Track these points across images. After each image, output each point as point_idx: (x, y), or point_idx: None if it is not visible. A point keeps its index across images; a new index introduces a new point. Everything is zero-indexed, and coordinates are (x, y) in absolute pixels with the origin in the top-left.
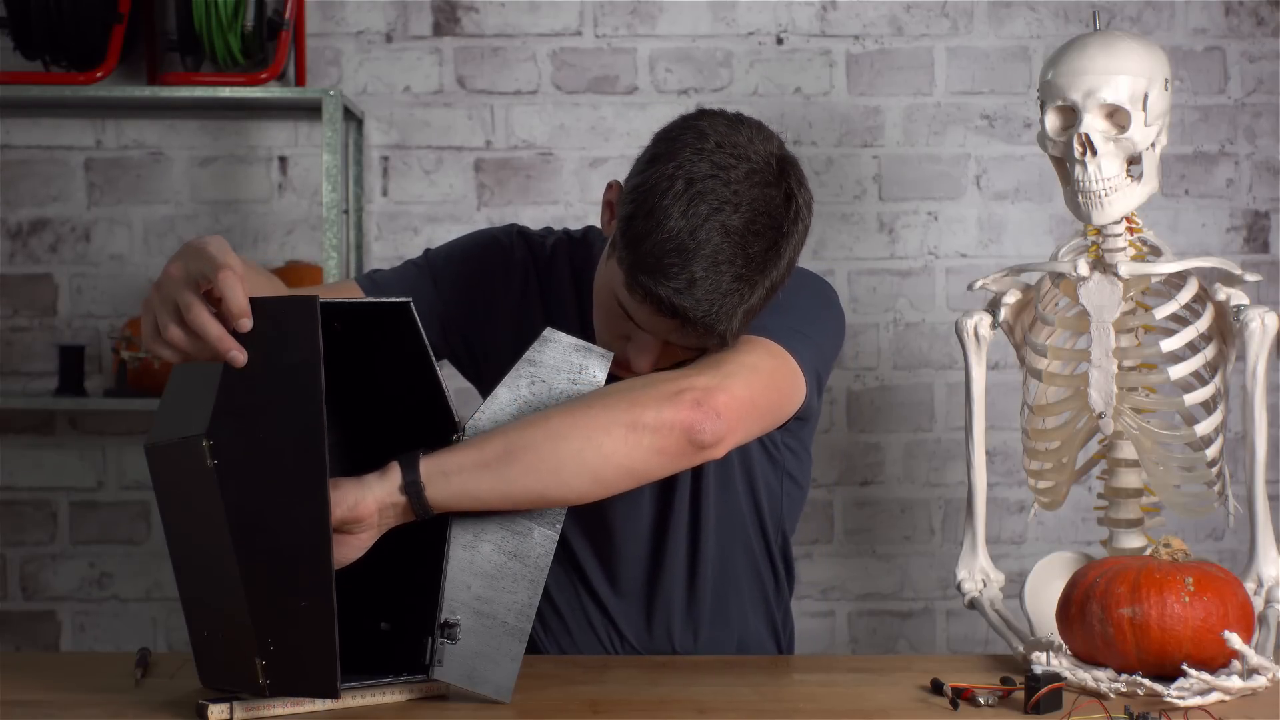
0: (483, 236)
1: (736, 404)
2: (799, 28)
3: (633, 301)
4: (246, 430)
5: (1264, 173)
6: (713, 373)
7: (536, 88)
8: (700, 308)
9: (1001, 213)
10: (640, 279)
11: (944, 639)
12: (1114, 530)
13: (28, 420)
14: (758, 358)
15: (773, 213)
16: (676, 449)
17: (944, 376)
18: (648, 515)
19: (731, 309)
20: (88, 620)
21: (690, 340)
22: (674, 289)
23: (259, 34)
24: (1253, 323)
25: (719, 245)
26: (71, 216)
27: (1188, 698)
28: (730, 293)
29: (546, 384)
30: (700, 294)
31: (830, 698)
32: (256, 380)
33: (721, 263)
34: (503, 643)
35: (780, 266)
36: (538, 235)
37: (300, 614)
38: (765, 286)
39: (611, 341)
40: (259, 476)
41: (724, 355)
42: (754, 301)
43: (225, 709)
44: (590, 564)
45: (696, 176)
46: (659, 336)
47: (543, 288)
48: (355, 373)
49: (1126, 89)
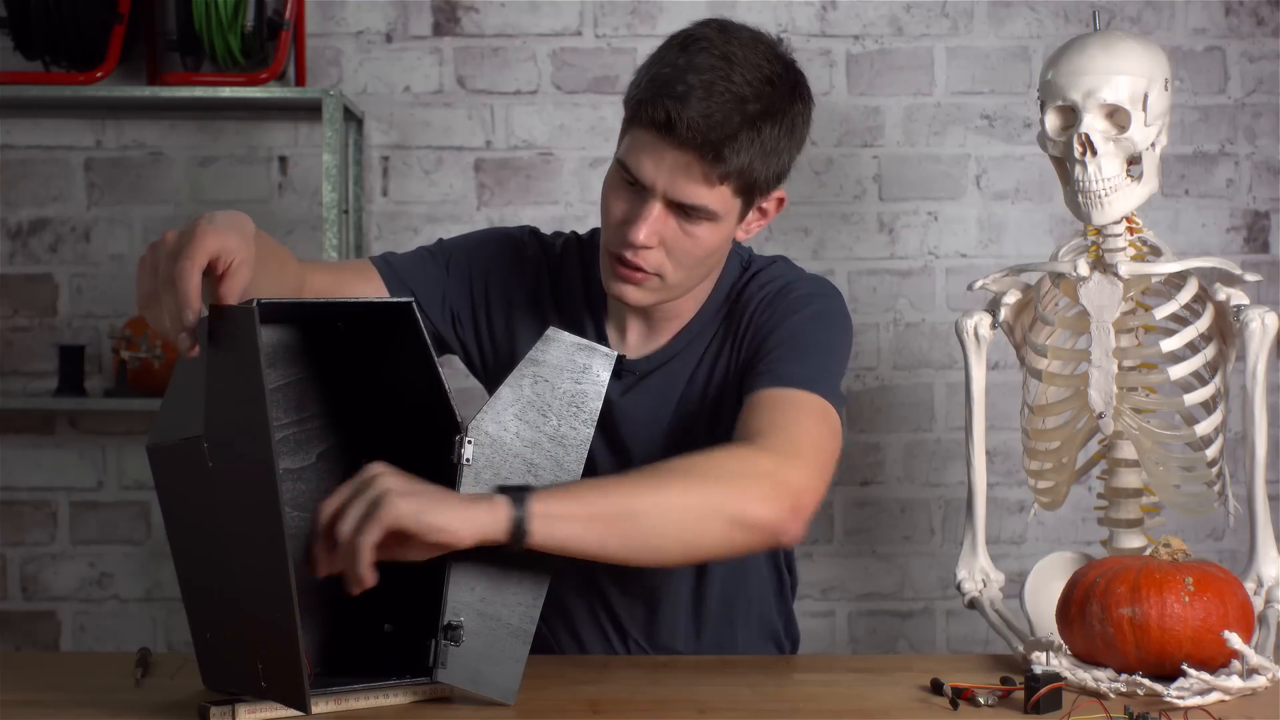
0: (497, 232)
1: (816, 503)
2: (799, 28)
3: (634, 145)
4: (216, 436)
5: (1264, 173)
6: (797, 461)
7: (536, 88)
8: (699, 121)
9: (1001, 213)
10: (641, 106)
11: (944, 639)
12: (1114, 530)
13: (28, 420)
14: (818, 431)
15: (773, 76)
16: (759, 543)
17: (944, 376)
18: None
19: (734, 130)
20: (88, 620)
21: (695, 182)
22: (672, 100)
23: (259, 34)
24: (1253, 323)
25: (716, 67)
26: (71, 216)
27: (1188, 698)
28: (730, 110)
29: (550, 383)
30: (697, 103)
31: (830, 698)
32: (221, 387)
33: (719, 81)
34: (507, 645)
35: (782, 123)
36: (549, 236)
37: (272, 624)
38: (770, 134)
39: (617, 229)
40: (231, 482)
41: (796, 427)
42: (758, 149)
43: (227, 711)
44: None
45: (696, 36)
46: (662, 188)
47: (554, 284)
48: (357, 373)
49: (1126, 89)
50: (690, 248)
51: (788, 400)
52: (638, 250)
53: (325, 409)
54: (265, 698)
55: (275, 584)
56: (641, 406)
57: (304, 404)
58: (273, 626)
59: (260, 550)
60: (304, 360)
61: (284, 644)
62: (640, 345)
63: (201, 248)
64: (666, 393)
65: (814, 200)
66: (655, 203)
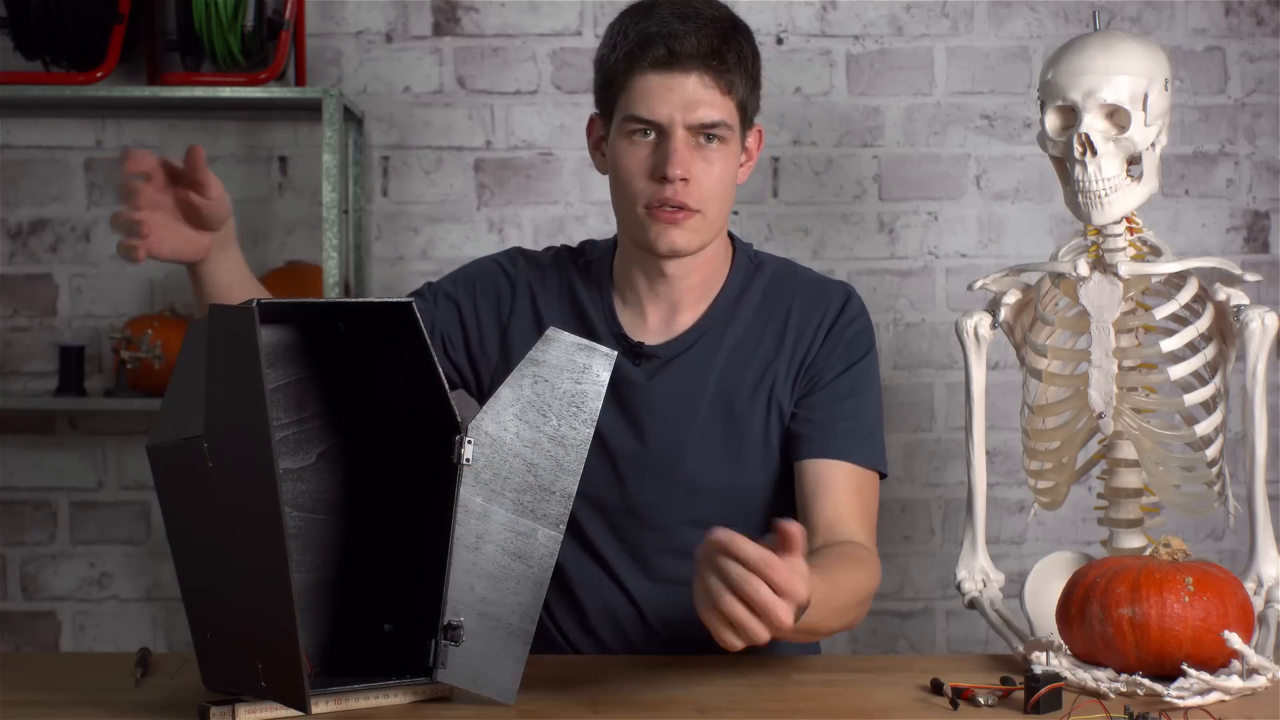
0: (481, 259)
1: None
2: (799, 28)
3: (639, 92)
4: (216, 436)
5: (1264, 173)
6: (874, 548)
7: (536, 88)
8: (695, 38)
9: (1001, 213)
10: (635, 54)
11: (944, 639)
12: (1114, 530)
13: (28, 420)
14: (872, 502)
15: (726, 6)
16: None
17: (944, 376)
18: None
19: (724, 37)
20: (88, 620)
21: (711, 97)
22: (664, 34)
23: (259, 34)
24: (1253, 323)
25: (680, 1)
26: (71, 216)
27: (1187, 698)
28: (713, 26)
29: (549, 383)
30: (685, 27)
31: (830, 698)
32: (221, 387)
33: (689, 7)
34: (506, 644)
35: (751, 42)
36: (536, 252)
37: (271, 624)
38: (748, 47)
39: (648, 180)
40: (231, 482)
41: (873, 518)
42: (744, 61)
43: (227, 711)
44: (616, 555)
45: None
46: (681, 118)
47: (539, 297)
48: (357, 373)
49: (1126, 89)
50: (716, 176)
51: (868, 485)
52: (677, 188)
53: (325, 409)
54: (265, 698)
55: (274, 584)
56: (667, 391)
57: (304, 404)
58: (272, 626)
59: (260, 550)
60: (304, 360)
61: (284, 644)
62: (662, 330)
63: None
64: (693, 377)
65: (814, 200)
66: (677, 136)
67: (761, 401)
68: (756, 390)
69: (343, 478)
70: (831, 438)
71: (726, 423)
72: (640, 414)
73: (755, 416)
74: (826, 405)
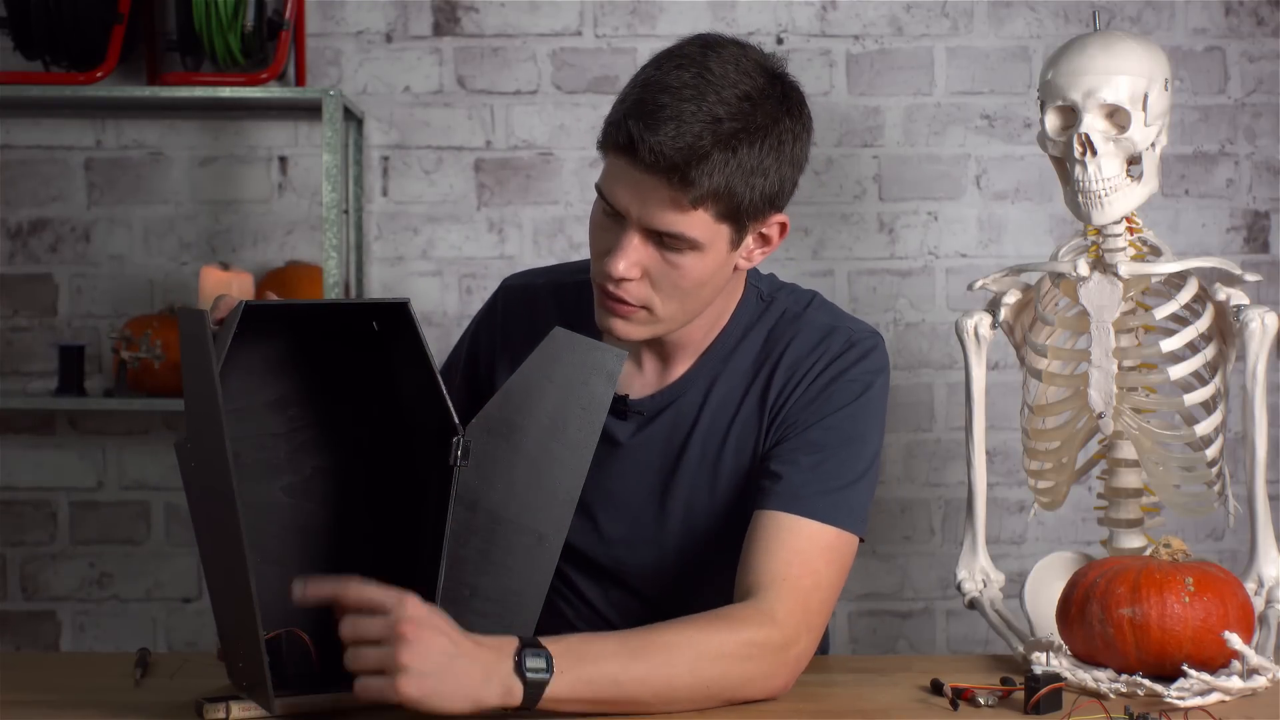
0: (477, 315)
1: (813, 648)
2: (799, 28)
3: (608, 171)
4: (193, 438)
5: (1264, 173)
6: (804, 635)
7: (536, 88)
8: (663, 143)
9: (1001, 213)
10: (610, 129)
11: (944, 639)
12: (1114, 530)
13: (28, 420)
14: (831, 584)
15: (753, 93)
16: (746, 699)
17: (944, 376)
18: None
19: (704, 151)
20: (88, 620)
21: (666, 208)
22: (638, 122)
23: (259, 34)
24: (1253, 323)
25: (690, 84)
26: (71, 216)
27: (1188, 698)
28: (700, 130)
29: (554, 383)
30: (664, 125)
31: (830, 698)
32: (191, 390)
33: (690, 101)
34: None
35: (765, 142)
36: (534, 285)
37: (240, 624)
38: (749, 153)
39: (599, 261)
40: (204, 483)
41: (811, 580)
42: (736, 170)
43: (221, 708)
44: (600, 601)
45: (676, 53)
46: (636, 215)
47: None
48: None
49: (1126, 89)
50: (676, 278)
51: (817, 543)
52: (619, 283)
53: (319, 419)
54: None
55: (237, 584)
56: (647, 449)
57: (297, 415)
58: (241, 627)
59: (224, 549)
60: (296, 372)
61: (250, 644)
62: (655, 381)
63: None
64: (674, 434)
65: (814, 200)
66: (633, 232)
67: (744, 455)
68: (738, 444)
69: (341, 481)
70: (776, 490)
71: (709, 478)
72: (621, 470)
73: (735, 470)
74: (785, 457)
